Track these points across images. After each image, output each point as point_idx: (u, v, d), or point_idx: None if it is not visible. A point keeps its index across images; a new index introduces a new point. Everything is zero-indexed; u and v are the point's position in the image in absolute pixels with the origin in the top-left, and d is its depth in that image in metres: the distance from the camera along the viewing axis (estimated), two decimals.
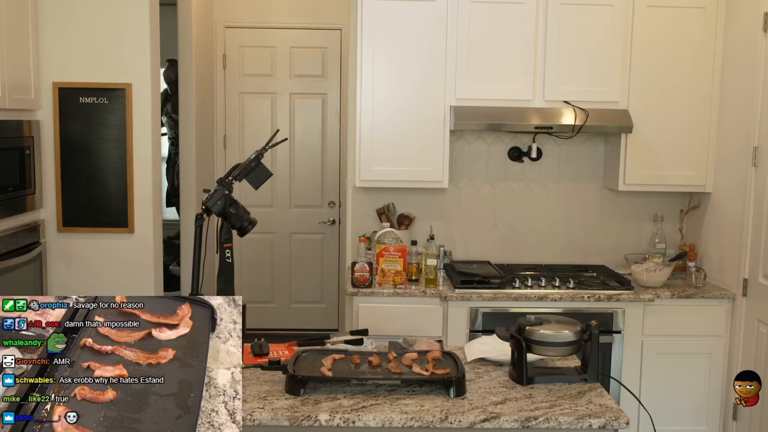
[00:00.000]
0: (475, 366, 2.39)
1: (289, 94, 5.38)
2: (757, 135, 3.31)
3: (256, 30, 5.31)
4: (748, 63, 3.38)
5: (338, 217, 5.44)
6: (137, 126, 3.72)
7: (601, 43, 3.58)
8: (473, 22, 3.54)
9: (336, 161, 5.43)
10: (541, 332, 2.24)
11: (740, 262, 3.43)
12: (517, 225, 4.01)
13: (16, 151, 3.44)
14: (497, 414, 2.00)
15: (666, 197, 3.97)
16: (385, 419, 1.97)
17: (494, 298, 3.42)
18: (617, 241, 4.01)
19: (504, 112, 3.56)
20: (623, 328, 3.48)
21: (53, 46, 3.64)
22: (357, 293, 3.44)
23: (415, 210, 3.94)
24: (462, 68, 3.56)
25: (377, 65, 3.57)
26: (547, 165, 3.97)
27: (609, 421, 1.99)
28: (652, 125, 3.63)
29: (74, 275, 3.71)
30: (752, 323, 3.35)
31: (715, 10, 3.59)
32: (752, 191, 3.35)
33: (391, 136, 3.60)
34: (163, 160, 5.24)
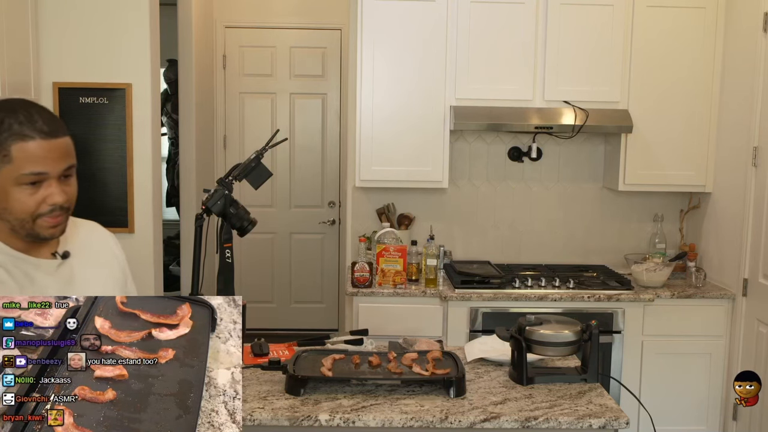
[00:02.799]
0: (475, 366, 2.39)
1: (289, 94, 5.38)
2: (757, 135, 3.31)
3: (256, 30, 5.31)
4: (748, 63, 3.38)
5: (338, 217, 5.44)
6: (137, 126, 3.71)
7: (601, 43, 3.58)
8: (473, 22, 3.54)
9: (336, 161, 5.43)
10: (541, 332, 2.23)
11: (740, 262, 3.43)
12: (517, 225, 4.01)
13: None
14: (497, 414, 2.00)
15: (666, 197, 3.97)
16: (385, 419, 1.97)
17: (494, 298, 3.42)
18: (617, 241, 4.01)
19: (504, 112, 3.56)
20: (623, 328, 3.48)
21: (53, 45, 3.64)
22: (357, 293, 3.44)
23: (415, 210, 3.94)
24: (462, 68, 3.56)
25: (377, 65, 3.57)
26: (547, 165, 3.97)
27: (609, 421, 1.99)
28: (652, 125, 3.63)
29: None
30: (752, 323, 3.35)
31: (715, 10, 3.59)
32: (752, 191, 3.35)
33: (391, 136, 3.60)
34: (163, 160, 5.24)
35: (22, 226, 1.49)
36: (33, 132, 1.45)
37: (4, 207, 1.48)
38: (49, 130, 1.47)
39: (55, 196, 1.48)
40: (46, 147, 1.46)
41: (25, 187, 1.46)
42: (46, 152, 1.46)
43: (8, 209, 1.48)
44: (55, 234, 1.53)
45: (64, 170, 1.50)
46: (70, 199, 1.52)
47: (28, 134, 1.45)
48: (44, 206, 1.48)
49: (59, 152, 1.48)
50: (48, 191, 1.47)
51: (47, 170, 1.46)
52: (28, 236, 1.52)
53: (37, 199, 1.47)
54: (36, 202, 1.47)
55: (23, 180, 1.45)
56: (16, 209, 1.47)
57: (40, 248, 1.57)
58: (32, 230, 1.50)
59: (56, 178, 1.48)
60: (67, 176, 1.52)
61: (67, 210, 1.53)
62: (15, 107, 1.48)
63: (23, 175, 1.45)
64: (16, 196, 1.46)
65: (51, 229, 1.51)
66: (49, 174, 1.47)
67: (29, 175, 1.45)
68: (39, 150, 1.45)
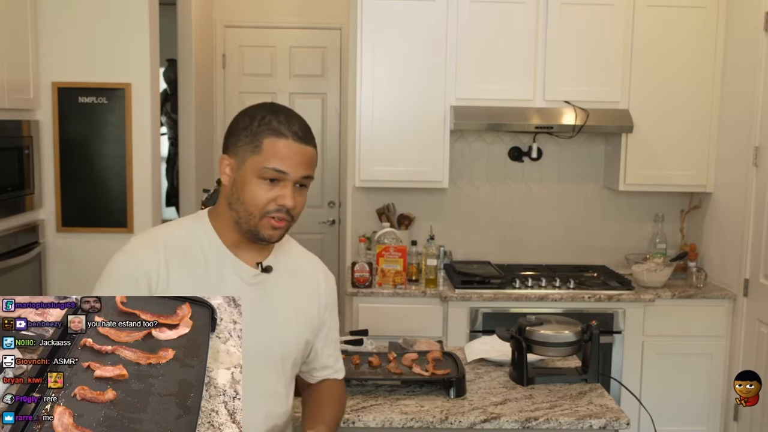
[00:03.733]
0: (476, 366, 2.38)
1: (289, 94, 5.37)
2: (758, 135, 3.31)
3: (256, 30, 5.30)
4: (749, 62, 3.38)
5: (338, 217, 5.44)
6: (137, 126, 3.71)
7: (602, 43, 3.57)
8: (473, 21, 3.54)
9: (336, 161, 5.42)
10: (542, 332, 2.23)
11: (741, 262, 3.43)
12: (517, 225, 4.00)
13: (15, 151, 3.44)
14: (497, 414, 1.99)
15: (667, 197, 3.96)
16: (385, 419, 1.96)
17: (494, 299, 3.42)
18: (618, 241, 4.01)
19: (504, 111, 3.55)
20: (624, 329, 3.47)
21: (52, 45, 3.63)
22: (357, 293, 3.43)
23: (415, 210, 3.93)
24: (462, 68, 3.56)
25: (377, 65, 3.57)
26: (547, 165, 3.96)
27: (609, 422, 1.98)
28: (652, 125, 3.63)
29: (74, 275, 3.70)
30: (753, 324, 3.34)
31: (715, 9, 3.59)
32: (753, 191, 3.35)
33: (391, 136, 3.60)
34: (163, 160, 5.24)
35: (248, 220, 1.53)
36: (288, 132, 1.51)
37: (238, 197, 1.52)
38: (303, 136, 1.52)
39: (286, 199, 1.51)
40: (295, 149, 1.50)
41: (264, 181, 1.50)
42: (293, 154, 1.50)
43: (241, 199, 1.52)
44: (273, 237, 1.55)
45: (302, 177, 1.53)
46: (297, 207, 1.55)
47: (283, 133, 1.50)
48: (273, 204, 1.51)
49: (304, 158, 1.52)
50: (282, 192, 1.51)
51: (289, 171, 1.50)
52: (248, 232, 1.54)
53: (270, 197, 1.51)
54: (268, 199, 1.51)
55: (265, 174, 1.49)
56: (249, 201, 1.51)
57: (250, 252, 1.59)
58: (255, 227, 1.53)
59: (293, 183, 1.52)
60: (302, 186, 1.55)
61: (292, 218, 1.55)
62: (277, 109, 1.55)
63: (266, 168, 1.49)
64: (254, 188, 1.50)
65: (271, 231, 1.53)
66: (289, 176, 1.50)
67: (271, 170, 1.49)
68: (287, 150, 1.50)
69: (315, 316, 1.68)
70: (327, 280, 1.74)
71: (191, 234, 1.58)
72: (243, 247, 1.58)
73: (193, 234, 1.58)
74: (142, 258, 1.53)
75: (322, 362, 1.73)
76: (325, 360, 1.73)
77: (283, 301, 1.62)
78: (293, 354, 1.63)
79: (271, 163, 1.49)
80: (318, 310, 1.69)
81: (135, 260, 1.53)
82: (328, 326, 1.72)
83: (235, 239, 1.57)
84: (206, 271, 1.55)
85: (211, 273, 1.55)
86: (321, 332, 1.71)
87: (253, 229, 1.53)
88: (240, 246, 1.58)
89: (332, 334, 1.74)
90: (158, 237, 1.59)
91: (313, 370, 1.73)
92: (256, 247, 1.59)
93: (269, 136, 1.50)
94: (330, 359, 1.74)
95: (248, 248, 1.58)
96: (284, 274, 1.63)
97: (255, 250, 1.59)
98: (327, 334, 1.72)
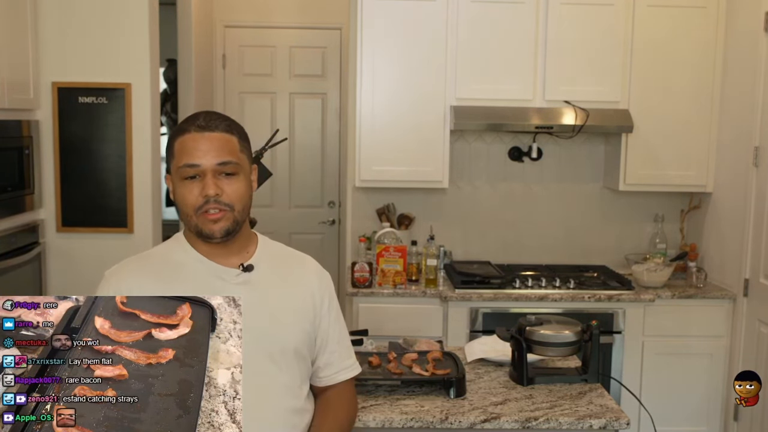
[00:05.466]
0: (476, 366, 2.38)
1: (289, 94, 5.37)
2: (758, 135, 3.31)
3: (256, 30, 5.30)
4: (749, 62, 3.38)
5: (338, 217, 5.44)
6: (137, 126, 3.71)
7: (602, 43, 3.57)
8: (473, 21, 3.54)
9: (336, 161, 5.42)
10: (542, 332, 2.23)
11: (741, 263, 3.43)
12: (517, 225, 4.00)
13: (15, 151, 3.44)
14: (497, 414, 1.99)
15: (666, 197, 3.96)
16: (385, 419, 1.96)
17: (494, 299, 3.42)
18: (618, 241, 4.01)
19: (504, 112, 3.55)
20: (624, 329, 3.47)
21: (52, 45, 3.63)
22: (357, 293, 3.43)
23: (415, 210, 3.93)
24: (462, 68, 3.56)
25: (377, 65, 3.57)
26: (547, 165, 3.96)
27: (609, 422, 1.98)
28: (652, 125, 3.63)
29: (74, 275, 3.70)
30: (753, 324, 3.34)
31: (716, 9, 3.59)
32: (753, 191, 3.35)
33: (391, 136, 3.60)
34: (163, 160, 5.23)
35: (189, 223, 1.55)
36: (190, 127, 1.52)
37: (177, 205, 1.56)
38: (205, 125, 1.52)
39: (208, 188, 1.50)
40: (199, 139, 1.50)
41: (186, 181, 1.51)
42: (199, 144, 1.50)
43: (179, 207, 1.55)
44: (216, 231, 1.53)
45: (218, 164, 1.51)
46: (227, 194, 1.52)
47: (186, 129, 1.52)
48: (199, 199, 1.51)
49: (211, 145, 1.51)
50: (202, 183, 1.51)
51: (199, 162, 1.50)
52: (198, 235, 1.55)
53: (195, 193, 1.51)
54: (194, 196, 1.51)
55: (183, 173, 1.51)
56: (182, 204, 1.54)
57: (229, 258, 1.60)
58: (197, 226, 1.54)
59: (211, 172, 1.51)
60: (229, 174, 1.53)
61: (231, 209, 1.53)
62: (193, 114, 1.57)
63: (181, 168, 1.51)
64: (181, 191, 1.52)
65: (212, 225, 1.53)
66: (201, 166, 1.50)
67: (185, 168, 1.50)
68: (192, 142, 1.51)
69: (310, 308, 1.68)
70: (321, 277, 1.74)
71: (170, 252, 1.63)
72: (219, 253, 1.59)
73: (171, 252, 1.63)
74: (123, 279, 1.57)
75: (325, 359, 1.72)
76: (328, 356, 1.72)
77: (273, 293, 1.62)
78: (292, 343, 1.62)
79: (183, 161, 1.51)
80: (313, 303, 1.68)
81: (110, 284, 1.57)
82: (327, 321, 1.72)
83: (208, 248, 1.59)
84: (186, 282, 1.56)
85: (194, 283, 1.57)
86: (320, 328, 1.70)
87: (197, 229, 1.54)
88: (216, 253, 1.59)
89: (333, 330, 1.73)
90: (137, 259, 1.65)
91: (318, 369, 1.72)
92: (234, 251, 1.60)
93: (176, 137, 1.54)
94: (333, 356, 1.73)
95: (225, 253, 1.60)
96: (270, 269, 1.64)
97: (233, 255, 1.60)
98: (327, 329, 1.71)
